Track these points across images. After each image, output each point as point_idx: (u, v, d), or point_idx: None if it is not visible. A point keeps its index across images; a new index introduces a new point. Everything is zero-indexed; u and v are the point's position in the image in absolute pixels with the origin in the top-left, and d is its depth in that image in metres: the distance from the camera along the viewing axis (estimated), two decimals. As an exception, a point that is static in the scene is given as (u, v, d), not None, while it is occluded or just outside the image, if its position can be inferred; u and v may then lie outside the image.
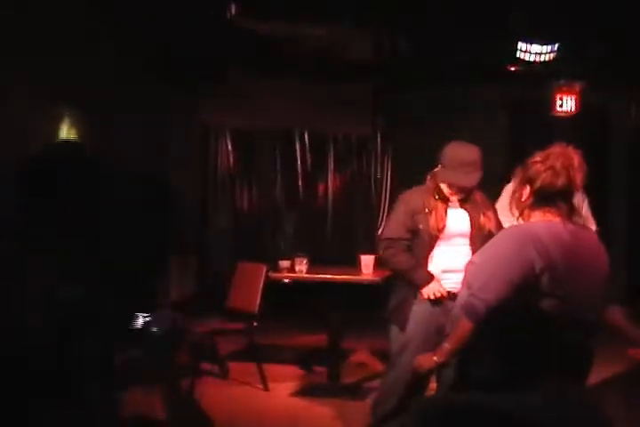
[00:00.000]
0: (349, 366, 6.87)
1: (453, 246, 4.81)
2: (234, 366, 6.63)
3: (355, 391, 6.19)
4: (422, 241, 4.80)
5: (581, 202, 4.78)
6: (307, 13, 7.06)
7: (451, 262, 4.78)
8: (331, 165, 9.66)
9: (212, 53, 7.76)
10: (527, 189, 3.23)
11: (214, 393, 6.08)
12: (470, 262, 3.34)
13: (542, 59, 7.06)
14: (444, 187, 4.79)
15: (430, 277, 4.73)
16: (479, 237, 4.76)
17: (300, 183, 9.66)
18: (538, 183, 3.18)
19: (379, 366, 6.97)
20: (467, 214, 4.85)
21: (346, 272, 6.41)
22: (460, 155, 4.76)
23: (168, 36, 7.45)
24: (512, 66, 7.54)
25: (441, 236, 4.78)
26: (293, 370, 6.80)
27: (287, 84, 8.74)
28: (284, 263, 6.35)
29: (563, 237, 3.15)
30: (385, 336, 4.94)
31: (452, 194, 4.79)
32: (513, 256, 3.09)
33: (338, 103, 8.94)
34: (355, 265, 6.42)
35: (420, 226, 4.78)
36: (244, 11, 7.06)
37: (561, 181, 3.15)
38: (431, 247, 4.79)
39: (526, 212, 3.25)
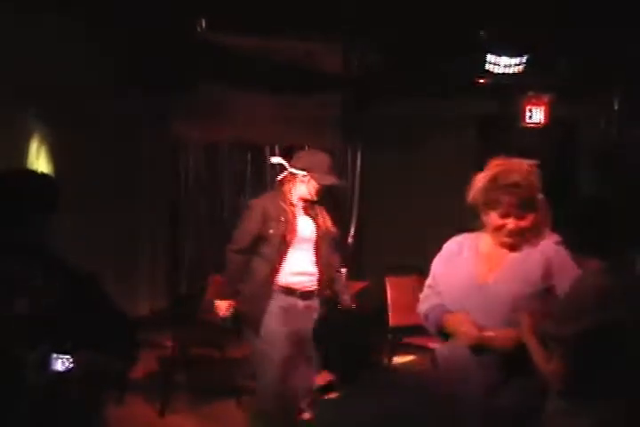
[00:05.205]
0: (323, 378, 6.85)
1: (302, 251, 5.07)
2: (206, 379, 6.60)
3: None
4: (273, 246, 5.00)
5: None
6: (277, 27, 7.07)
7: (301, 266, 5.05)
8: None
9: (183, 67, 7.75)
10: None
11: (187, 406, 6.05)
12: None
13: (511, 71, 7.11)
14: (295, 194, 5.10)
15: (228, 295, 5.14)
16: (323, 243, 5.15)
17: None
18: None
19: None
20: (311, 221, 5.13)
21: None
22: (325, 159, 5.24)
23: (138, 51, 7.43)
24: (481, 78, 7.59)
25: (292, 242, 5.00)
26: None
27: (258, 97, 8.72)
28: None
29: None
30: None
31: (301, 199, 5.11)
32: None
33: (308, 116, 8.93)
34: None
35: (271, 231, 4.99)
36: (215, 24, 7.06)
37: None
38: (284, 252, 5.00)
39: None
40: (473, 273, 3.32)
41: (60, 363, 2.57)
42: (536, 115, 7.87)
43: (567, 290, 2.96)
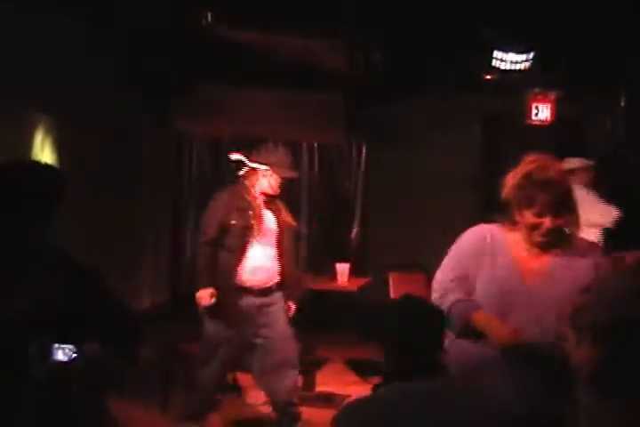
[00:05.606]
0: (324, 374, 6.86)
1: (262, 245, 5.16)
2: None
3: (329, 399, 6.18)
4: (235, 238, 5.10)
5: None
6: (280, 23, 7.06)
7: (261, 261, 5.15)
8: (304, 174, 9.64)
9: (186, 63, 7.73)
10: None
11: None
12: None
13: (518, 67, 7.09)
14: (257, 188, 5.19)
15: (208, 285, 5.10)
16: (284, 237, 5.27)
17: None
18: None
19: (353, 375, 6.97)
20: (272, 215, 5.25)
21: (321, 280, 6.41)
22: (285, 154, 5.43)
23: (140, 46, 7.40)
24: (488, 75, 7.56)
25: (258, 235, 5.10)
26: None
27: (261, 94, 8.71)
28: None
29: None
30: (361, 345, 4.96)
31: (262, 194, 5.19)
32: None
33: (312, 113, 8.92)
34: (328, 273, 6.43)
35: (233, 222, 5.09)
36: (216, 20, 7.04)
37: None
38: (246, 245, 5.09)
39: None
40: (511, 274, 3.21)
41: (63, 353, 2.57)
42: (542, 112, 7.83)
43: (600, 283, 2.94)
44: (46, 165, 2.94)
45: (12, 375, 2.57)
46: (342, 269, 6.32)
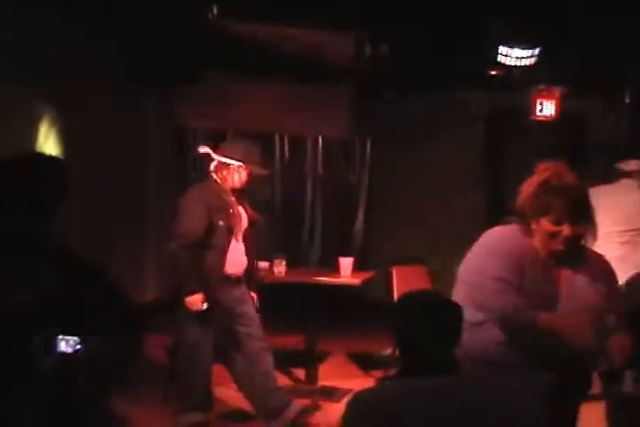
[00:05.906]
0: (326, 367, 6.87)
1: (238, 242, 5.15)
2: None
3: (332, 393, 6.19)
4: (221, 238, 5.04)
5: None
6: (286, 16, 7.06)
7: (236, 255, 5.14)
8: (309, 168, 9.65)
9: (189, 57, 7.72)
10: None
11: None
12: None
13: (523, 63, 7.09)
14: (229, 183, 5.12)
15: (197, 289, 4.97)
16: (249, 232, 5.24)
17: (277, 185, 9.64)
18: None
19: (356, 368, 6.98)
20: (244, 211, 5.23)
21: (324, 274, 6.42)
22: (257, 149, 5.33)
23: (142, 41, 7.40)
24: (493, 70, 7.57)
25: (237, 232, 5.11)
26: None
27: (266, 88, 8.71)
28: (263, 265, 6.34)
29: None
30: (363, 338, 4.97)
31: (231, 189, 5.12)
32: None
33: (317, 107, 8.92)
34: (332, 267, 6.45)
35: (221, 222, 5.03)
36: (222, 12, 7.05)
37: None
38: (229, 243, 5.07)
39: None
40: (544, 284, 3.14)
41: (67, 344, 2.57)
42: (547, 108, 7.82)
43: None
44: (50, 157, 2.93)
45: (16, 368, 2.58)
46: (346, 263, 6.32)
